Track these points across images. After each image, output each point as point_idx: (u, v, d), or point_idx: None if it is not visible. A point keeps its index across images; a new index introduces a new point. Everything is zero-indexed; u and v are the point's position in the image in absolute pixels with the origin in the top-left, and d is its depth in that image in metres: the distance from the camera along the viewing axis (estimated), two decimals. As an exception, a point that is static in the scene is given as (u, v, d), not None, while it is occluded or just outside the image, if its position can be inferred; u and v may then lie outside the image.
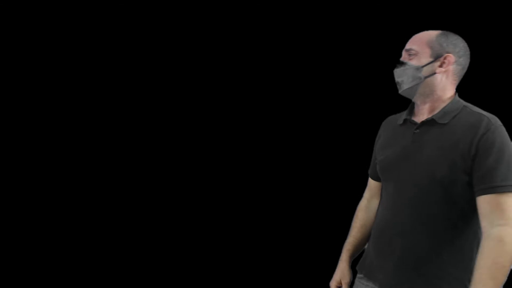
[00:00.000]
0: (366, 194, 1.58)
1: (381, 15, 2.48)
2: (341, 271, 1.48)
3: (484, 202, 1.16)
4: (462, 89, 1.47)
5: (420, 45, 1.30)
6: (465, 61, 1.32)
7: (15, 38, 2.62)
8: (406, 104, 1.45)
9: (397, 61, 1.36)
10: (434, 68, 1.28)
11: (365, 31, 2.45)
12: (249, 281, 2.68)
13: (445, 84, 1.30)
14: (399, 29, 1.51)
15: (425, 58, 1.29)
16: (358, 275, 1.48)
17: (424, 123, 1.30)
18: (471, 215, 1.23)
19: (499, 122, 1.22)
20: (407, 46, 1.33)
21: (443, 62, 1.28)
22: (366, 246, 1.51)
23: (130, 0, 2.65)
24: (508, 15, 2.35)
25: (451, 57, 1.28)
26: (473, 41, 2.39)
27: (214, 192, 2.77)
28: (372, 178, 1.54)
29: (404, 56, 1.33)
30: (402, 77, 1.32)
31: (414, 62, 1.30)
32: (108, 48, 2.70)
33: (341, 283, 1.48)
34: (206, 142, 2.77)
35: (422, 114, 1.34)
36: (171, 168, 2.78)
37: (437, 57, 1.28)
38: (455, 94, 1.33)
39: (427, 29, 1.35)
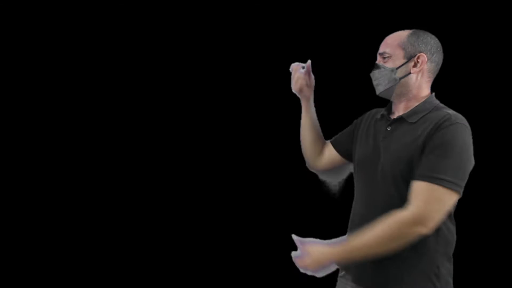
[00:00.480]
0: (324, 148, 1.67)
1: (379, 15, 2.49)
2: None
3: (414, 187, 1.20)
4: (444, 88, 1.49)
5: (393, 47, 1.34)
6: (438, 57, 1.35)
7: (15, 38, 2.63)
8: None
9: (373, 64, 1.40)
10: (408, 68, 1.32)
11: (362, 30, 2.46)
12: (248, 281, 2.69)
13: (420, 83, 1.34)
14: (392, 27, 1.53)
15: (398, 60, 1.33)
16: (339, 274, 1.51)
17: (395, 120, 1.35)
18: None
19: (461, 121, 1.24)
20: (380, 49, 1.38)
21: (417, 62, 1.32)
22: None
23: (130, 0, 2.65)
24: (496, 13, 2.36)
25: (424, 56, 1.31)
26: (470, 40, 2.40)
27: (214, 192, 2.78)
28: (333, 145, 1.62)
29: (378, 60, 1.38)
30: (378, 80, 1.37)
31: (388, 65, 1.34)
32: (108, 48, 2.71)
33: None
34: (205, 142, 2.78)
35: (397, 111, 1.38)
36: (171, 168, 2.79)
37: (410, 57, 1.32)
38: (430, 94, 1.37)
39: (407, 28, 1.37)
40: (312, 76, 1.59)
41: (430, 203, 1.17)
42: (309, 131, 1.64)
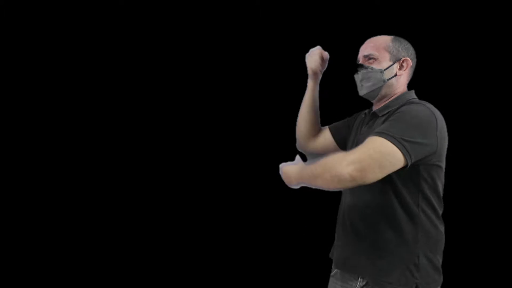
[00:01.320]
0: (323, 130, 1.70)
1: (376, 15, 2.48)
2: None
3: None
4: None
5: (379, 50, 1.40)
6: (415, 62, 1.45)
7: (15, 38, 2.62)
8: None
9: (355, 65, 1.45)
10: (394, 71, 1.40)
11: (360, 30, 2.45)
12: (248, 281, 2.69)
13: (401, 85, 1.42)
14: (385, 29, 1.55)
15: (385, 62, 1.40)
16: (331, 274, 1.53)
17: (372, 116, 1.44)
18: (407, 195, 1.29)
19: (426, 104, 1.28)
20: (365, 51, 1.43)
21: (402, 65, 1.40)
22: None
23: (130, 0, 2.65)
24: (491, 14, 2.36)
25: (408, 61, 1.41)
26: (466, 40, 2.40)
27: (213, 192, 2.78)
28: (331, 131, 1.66)
29: (362, 61, 1.44)
30: (365, 80, 1.42)
31: (375, 66, 1.40)
32: (108, 48, 2.70)
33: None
34: (205, 142, 2.78)
35: (377, 108, 1.45)
36: (170, 168, 2.79)
37: (395, 60, 1.40)
38: (406, 89, 1.44)
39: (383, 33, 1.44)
40: (326, 64, 1.66)
41: (369, 150, 1.16)
42: (309, 111, 1.67)
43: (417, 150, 1.19)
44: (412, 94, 1.43)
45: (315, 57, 1.62)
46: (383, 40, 1.42)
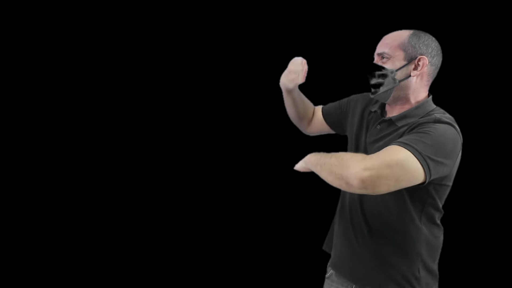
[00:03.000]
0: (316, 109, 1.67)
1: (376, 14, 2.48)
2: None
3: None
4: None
5: (393, 48, 1.27)
6: (438, 60, 1.30)
7: (15, 38, 2.62)
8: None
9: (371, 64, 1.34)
10: (408, 71, 1.26)
11: (359, 30, 2.45)
12: (248, 281, 2.69)
13: (418, 87, 1.29)
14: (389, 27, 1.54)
15: (398, 62, 1.27)
16: (326, 275, 1.52)
17: (385, 121, 1.33)
18: (413, 209, 1.25)
19: (450, 122, 1.18)
20: (379, 49, 1.30)
21: (417, 65, 1.26)
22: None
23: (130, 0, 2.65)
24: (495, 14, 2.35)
25: (425, 59, 1.26)
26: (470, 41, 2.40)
27: (212, 190, 2.78)
28: (323, 115, 1.63)
29: (376, 60, 1.32)
30: (377, 81, 1.30)
31: (388, 66, 1.27)
32: (108, 48, 2.70)
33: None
34: (205, 142, 2.77)
35: (390, 112, 1.35)
36: (170, 168, 2.78)
37: (410, 59, 1.26)
38: (427, 97, 1.31)
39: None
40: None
41: (391, 160, 1.07)
42: (294, 108, 1.64)
43: (437, 170, 1.13)
44: (431, 103, 1.30)
45: (295, 71, 1.52)
46: (398, 37, 1.27)
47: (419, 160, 1.08)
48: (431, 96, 1.33)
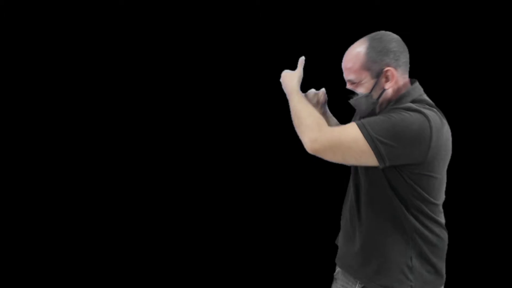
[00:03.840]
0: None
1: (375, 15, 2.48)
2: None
3: None
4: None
5: (357, 72, 1.29)
6: (405, 56, 1.31)
7: (15, 38, 2.62)
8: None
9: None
10: (381, 85, 1.29)
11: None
12: (246, 280, 2.69)
13: (397, 90, 1.31)
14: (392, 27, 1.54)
15: (368, 83, 1.29)
16: (334, 274, 1.54)
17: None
18: (398, 200, 1.27)
19: (417, 109, 1.20)
20: (346, 76, 1.33)
21: (386, 76, 1.28)
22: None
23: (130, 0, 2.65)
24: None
25: (391, 71, 1.27)
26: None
27: (217, 189, 2.77)
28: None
29: (349, 85, 1.35)
30: (359, 107, 1.35)
31: (361, 90, 1.31)
32: (108, 48, 2.70)
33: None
34: (205, 143, 2.77)
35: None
36: (169, 168, 2.78)
37: (378, 74, 1.27)
38: (409, 85, 1.33)
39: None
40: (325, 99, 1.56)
41: (341, 138, 1.18)
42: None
43: (394, 154, 1.16)
44: (416, 90, 1.32)
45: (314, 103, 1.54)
46: (356, 58, 1.28)
47: (368, 143, 1.15)
48: (414, 84, 1.33)
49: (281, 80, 1.44)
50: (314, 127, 1.21)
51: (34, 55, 2.65)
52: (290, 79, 1.40)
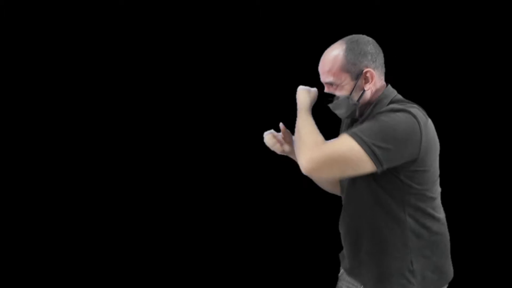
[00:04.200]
0: None
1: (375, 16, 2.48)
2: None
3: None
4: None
5: (336, 74, 1.30)
6: (380, 57, 1.33)
7: (15, 38, 2.62)
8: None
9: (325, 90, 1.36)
10: (361, 86, 1.30)
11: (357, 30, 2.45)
12: (250, 281, 2.68)
13: (375, 91, 1.33)
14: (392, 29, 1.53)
15: (348, 85, 1.30)
16: (339, 274, 1.54)
17: (356, 120, 1.39)
18: (393, 203, 1.26)
19: (401, 108, 1.21)
20: (324, 79, 1.34)
21: (366, 77, 1.30)
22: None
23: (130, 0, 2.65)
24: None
25: (371, 72, 1.29)
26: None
27: (212, 192, 2.77)
28: None
29: (327, 88, 1.35)
30: (339, 110, 1.34)
31: (341, 92, 1.31)
32: (108, 48, 2.70)
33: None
34: (205, 142, 2.77)
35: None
36: (169, 168, 2.78)
37: (357, 76, 1.29)
38: (384, 87, 1.34)
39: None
40: (287, 135, 1.53)
41: (335, 152, 1.17)
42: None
43: (389, 157, 1.16)
44: (391, 90, 1.34)
45: (271, 145, 1.51)
46: (335, 60, 1.29)
47: (364, 149, 1.15)
48: (388, 85, 1.35)
49: (296, 95, 1.41)
50: (309, 146, 1.21)
51: (34, 55, 2.65)
52: (304, 98, 1.37)
